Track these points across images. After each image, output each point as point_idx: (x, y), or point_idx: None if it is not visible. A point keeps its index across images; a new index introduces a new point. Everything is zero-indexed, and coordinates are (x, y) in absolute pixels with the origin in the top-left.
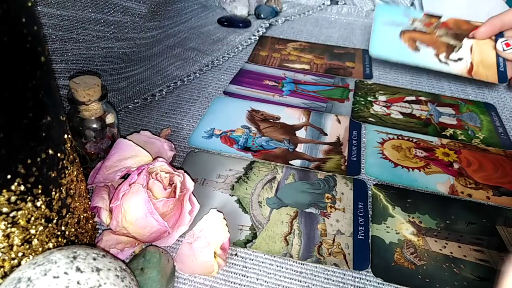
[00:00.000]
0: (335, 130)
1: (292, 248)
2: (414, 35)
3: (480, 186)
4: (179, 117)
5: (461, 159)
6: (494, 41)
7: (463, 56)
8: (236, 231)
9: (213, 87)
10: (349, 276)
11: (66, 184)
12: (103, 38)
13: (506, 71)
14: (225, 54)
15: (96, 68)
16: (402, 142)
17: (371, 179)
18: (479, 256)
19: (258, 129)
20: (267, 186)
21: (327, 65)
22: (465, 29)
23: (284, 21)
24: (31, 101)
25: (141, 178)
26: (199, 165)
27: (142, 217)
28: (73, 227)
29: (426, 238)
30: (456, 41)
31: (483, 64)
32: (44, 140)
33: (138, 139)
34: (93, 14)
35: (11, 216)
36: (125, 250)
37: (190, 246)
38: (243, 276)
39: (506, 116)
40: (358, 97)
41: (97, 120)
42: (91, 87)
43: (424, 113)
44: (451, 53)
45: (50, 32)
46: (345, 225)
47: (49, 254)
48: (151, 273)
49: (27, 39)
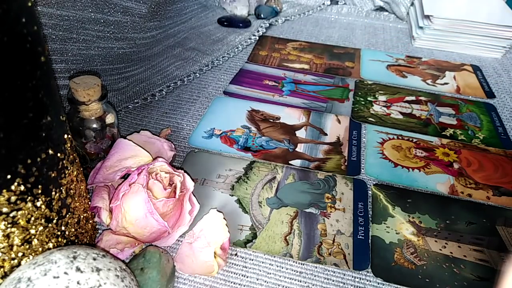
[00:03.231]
0: (335, 130)
1: (292, 248)
2: (400, 68)
3: (480, 186)
4: (179, 117)
5: (461, 159)
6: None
7: (449, 81)
8: (236, 231)
9: (213, 87)
10: (349, 276)
11: (66, 184)
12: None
13: (492, 91)
14: (225, 54)
15: (96, 68)
16: (402, 142)
17: (371, 179)
18: (479, 256)
19: (258, 129)
20: (267, 186)
21: (327, 65)
22: (445, 66)
23: (284, 21)
24: (31, 101)
25: (141, 178)
26: (199, 165)
27: (142, 217)
28: (73, 227)
29: (426, 238)
30: (439, 72)
31: (468, 87)
32: (44, 140)
33: (138, 139)
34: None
35: (11, 216)
36: (125, 250)
37: (190, 246)
38: (243, 276)
39: (506, 116)
40: (358, 97)
41: (97, 120)
42: (91, 87)
43: (424, 113)
44: (436, 80)
45: (50, 32)
46: (345, 225)
47: (49, 254)
48: (151, 273)
49: (27, 39)
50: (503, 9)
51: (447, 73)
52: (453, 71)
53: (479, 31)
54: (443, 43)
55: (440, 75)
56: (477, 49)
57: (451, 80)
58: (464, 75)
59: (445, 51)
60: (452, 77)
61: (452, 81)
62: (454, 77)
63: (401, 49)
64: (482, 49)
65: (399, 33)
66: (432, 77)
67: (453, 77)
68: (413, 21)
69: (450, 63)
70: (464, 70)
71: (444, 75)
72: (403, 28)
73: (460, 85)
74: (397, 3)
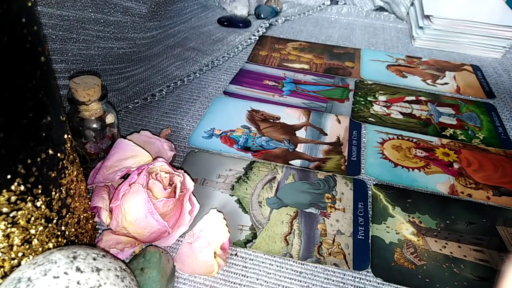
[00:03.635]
0: (335, 130)
1: (292, 248)
2: (400, 68)
3: (480, 186)
4: (179, 117)
5: (461, 159)
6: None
7: (449, 81)
8: (236, 231)
9: (213, 87)
10: (349, 276)
11: (66, 184)
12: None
13: (492, 91)
14: (225, 54)
15: (96, 68)
16: (402, 142)
17: (371, 179)
18: (479, 256)
19: (258, 129)
20: (267, 186)
21: (327, 64)
22: (445, 66)
23: (284, 21)
24: (31, 101)
25: (141, 178)
26: (199, 165)
27: (142, 217)
28: (73, 227)
29: (426, 238)
30: (439, 72)
31: (468, 87)
32: (44, 140)
33: (138, 139)
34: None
35: (11, 216)
36: (125, 250)
37: (190, 246)
38: (243, 276)
39: (506, 116)
40: (358, 97)
41: (97, 120)
42: (91, 87)
43: (424, 113)
44: (436, 80)
45: (50, 32)
46: (345, 225)
47: (49, 254)
48: (151, 273)
49: (27, 39)
50: (503, 9)
51: (447, 73)
52: (453, 71)
53: (479, 31)
54: (443, 43)
55: (440, 75)
56: (477, 49)
57: (451, 80)
58: (464, 75)
59: (445, 51)
60: (452, 77)
61: (452, 81)
62: (454, 77)
63: (401, 49)
64: (482, 49)
65: (399, 33)
66: (432, 77)
67: (453, 77)
68: (413, 21)
69: (450, 63)
70: (464, 70)
71: (444, 75)
72: (403, 28)
73: (460, 85)
74: (397, 3)
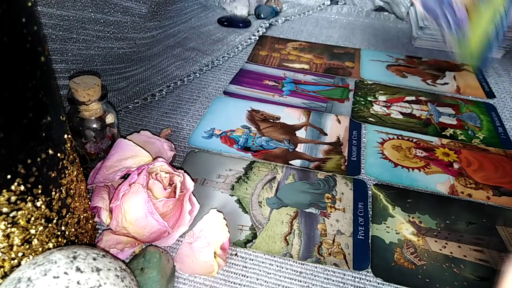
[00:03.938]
0: (335, 130)
1: (292, 248)
2: (400, 68)
3: (480, 186)
4: (179, 117)
5: (461, 159)
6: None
7: (449, 81)
8: (236, 231)
9: (213, 87)
10: (349, 276)
11: (66, 184)
12: (103, 38)
13: (492, 90)
14: (225, 54)
15: (96, 68)
16: (402, 142)
17: (371, 179)
18: (479, 256)
19: (258, 129)
20: (267, 186)
21: (327, 64)
22: (445, 65)
23: (284, 21)
24: (31, 101)
25: (141, 178)
26: (199, 165)
27: (142, 217)
28: (73, 227)
29: (426, 238)
30: (439, 72)
31: (468, 87)
32: (44, 140)
33: (138, 139)
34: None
35: (11, 216)
36: (125, 250)
37: (190, 246)
38: (243, 276)
39: (506, 116)
40: (358, 97)
41: (97, 120)
42: (91, 87)
43: (424, 113)
44: (436, 80)
45: (50, 32)
46: (345, 225)
47: (49, 254)
48: (151, 273)
49: (27, 39)
50: None
51: (447, 73)
52: (453, 71)
53: None
54: (443, 43)
55: (440, 75)
56: None
57: (451, 80)
58: (464, 75)
59: (445, 51)
60: (452, 77)
61: (452, 81)
62: (454, 77)
63: (401, 49)
64: None
65: (399, 33)
66: (432, 77)
67: (453, 77)
68: (413, 21)
69: (450, 63)
70: (464, 70)
71: (444, 75)
72: (403, 28)
73: (460, 85)
74: (397, 3)
